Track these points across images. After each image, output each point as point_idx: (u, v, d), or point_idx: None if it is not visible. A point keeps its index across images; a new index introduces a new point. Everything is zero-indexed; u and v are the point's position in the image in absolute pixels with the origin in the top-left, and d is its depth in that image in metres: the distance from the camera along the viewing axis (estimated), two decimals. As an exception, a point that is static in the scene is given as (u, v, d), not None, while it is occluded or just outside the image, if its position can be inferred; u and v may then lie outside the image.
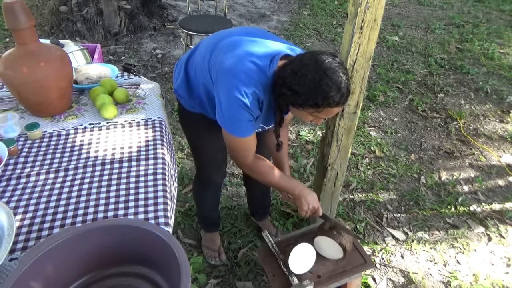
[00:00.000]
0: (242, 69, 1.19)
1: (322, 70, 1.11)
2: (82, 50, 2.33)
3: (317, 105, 1.15)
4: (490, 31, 4.83)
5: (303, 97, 1.14)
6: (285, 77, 1.16)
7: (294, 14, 5.21)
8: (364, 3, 1.32)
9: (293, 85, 1.14)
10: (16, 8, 1.30)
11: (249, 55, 1.22)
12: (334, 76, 1.12)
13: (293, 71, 1.15)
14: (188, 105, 1.49)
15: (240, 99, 1.18)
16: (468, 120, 3.18)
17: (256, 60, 1.20)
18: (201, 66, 1.34)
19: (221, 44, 1.30)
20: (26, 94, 1.41)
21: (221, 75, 1.22)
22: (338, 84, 1.12)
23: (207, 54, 1.32)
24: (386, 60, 4.07)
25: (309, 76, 1.12)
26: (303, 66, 1.13)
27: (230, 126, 1.26)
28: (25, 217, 1.10)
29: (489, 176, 2.61)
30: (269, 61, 1.21)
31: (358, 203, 2.35)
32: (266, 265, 1.52)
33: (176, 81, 1.49)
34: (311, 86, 1.12)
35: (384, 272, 1.96)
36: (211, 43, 1.35)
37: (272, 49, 1.26)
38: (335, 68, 1.13)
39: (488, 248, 2.10)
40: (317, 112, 1.18)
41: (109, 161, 1.31)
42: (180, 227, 2.13)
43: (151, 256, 0.92)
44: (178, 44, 4.15)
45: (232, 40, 1.29)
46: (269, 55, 1.23)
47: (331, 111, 1.18)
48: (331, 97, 1.12)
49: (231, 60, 1.21)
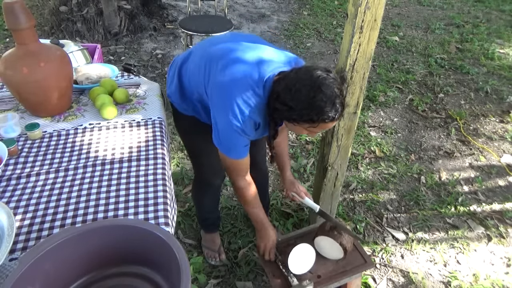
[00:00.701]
0: (239, 92, 1.19)
1: (317, 85, 1.11)
2: (82, 50, 2.33)
3: (312, 121, 1.15)
4: (490, 31, 4.83)
5: (298, 113, 1.14)
6: (279, 92, 1.16)
7: (294, 14, 5.21)
8: (364, 3, 1.32)
9: (287, 101, 1.14)
10: (16, 8, 1.30)
11: (245, 76, 1.21)
12: (328, 92, 1.11)
13: (287, 87, 1.14)
14: (182, 109, 1.49)
15: (237, 125, 1.20)
16: (468, 120, 3.18)
17: (253, 83, 1.20)
18: (196, 76, 1.35)
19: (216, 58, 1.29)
20: (26, 94, 1.41)
21: (218, 97, 1.23)
22: (333, 100, 1.12)
23: (201, 65, 1.32)
24: (386, 60, 4.07)
25: (304, 92, 1.12)
26: (298, 82, 1.13)
27: (225, 148, 1.29)
28: (25, 217, 1.10)
29: (489, 176, 2.61)
30: (265, 81, 1.21)
31: (358, 203, 2.35)
32: (266, 265, 1.52)
33: (170, 86, 1.49)
34: (306, 102, 1.12)
35: (384, 272, 1.96)
36: (206, 53, 1.34)
37: (269, 63, 1.25)
38: (329, 84, 1.12)
39: (488, 248, 2.10)
40: (312, 127, 1.19)
41: (109, 161, 1.31)
42: (180, 227, 2.13)
43: (151, 256, 0.92)
44: (178, 44, 4.15)
45: (228, 54, 1.28)
46: (264, 74, 1.22)
47: (326, 126, 1.18)
48: (325, 113, 1.12)
49: (228, 82, 1.21)
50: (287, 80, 1.16)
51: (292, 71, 1.18)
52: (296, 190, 1.62)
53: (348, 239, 1.46)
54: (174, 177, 2.43)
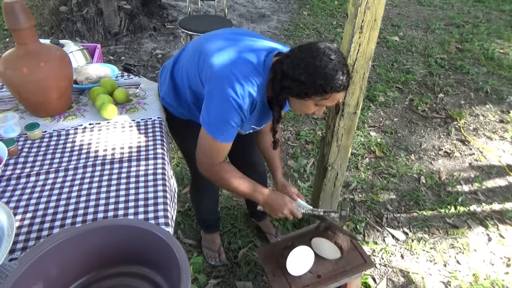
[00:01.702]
0: (238, 68, 1.18)
1: (326, 55, 1.12)
2: (82, 50, 2.33)
3: (325, 92, 1.14)
4: (490, 31, 4.83)
5: (311, 85, 1.14)
6: (286, 71, 1.15)
7: (294, 14, 5.21)
8: (364, 3, 1.32)
9: (297, 76, 1.13)
10: (16, 8, 1.30)
11: (243, 53, 1.21)
12: (337, 59, 1.13)
13: (294, 63, 1.14)
14: (177, 112, 1.48)
15: (235, 99, 1.16)
16: (468, 120, 3.18)
17: (251, 58, 1.20)
18: (189, 68, 1.33)
19: (211, 44, 1.28)
20: (26, 94, 1.41)
21: (215, 75, 1.20)
22: (341, 67, 1.14)
23: (195, 55, 1.31)
24: (386, 60, 4.07)
25: (314, 63, 1.12)
26: (305, 56, 1.13)
27: (214, 128, 1.22)
28: (25, 217, 1.10)
29: (489, 176, 2.61)
30: (263, 60, 1.21)
31: (358, 203, 2.35)
32: (266, 265, 1.52)
33: (163, 88, 1.48)
34: (318, 72, 1.12)
35: (384, 272, 1.96)
36: (198, 45, 1.33)
37: (264, 47, 1.26)
38: (336, 52, 1.15)
39: (488, 248, 2.10)
40: (323, 100, 1.17)
41: (109, 161, 1.30)
42: (180, 227, 2.13)
43: (151, 256, 0.92)
44: (178, 44, 4.15)
45: (223, 40, 1.28)
46: (262, 53, 1.22)
47: (336, 97, 1.18)
48: (337, 80, 1.13)
49: (225, 59, 1.20)
50: (292, 58, 1.16)
51: (293, 50, 1.19)
52: (288, 192, 1.59)
53: (343, 238, 1.46)
54: (174, 177, 2.42)
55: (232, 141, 1.27)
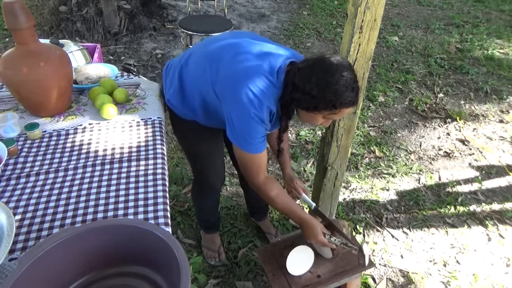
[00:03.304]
0: (255, 84, 1.18)
1: (338, 72, 1.13)
2: (82, 50, 2.33)
3: (334, 107, 1.16)
4: (490, 31, 4.83)
5: (320, 100, 1.15)
6: (297, 83, 1.16)
7: (294, 14, 5.21)
8: (364, 3, 1.32)
9: (309, 90, 1.14)
10: (16, 8, 1.30)
11: (257, 64, 1.21)
12: (348, 77, 1.14)
13: (306, 77, 1.15)
14: (182, 113, 1.48)
15: (253, 112, 1.17)
16: (468, 120, 3.18)
17: (265, 72, 1.20)
18: (199, 73, 1.33)
19: (222, 54, 1.28)
20: (26, 94, 1.41)
21: (231, 88, 1.21)
22: (353, 84, 1.15)
23: (205, 62, 1.31)
24: (386, 60, 4.07)
25: (326, 79, 1.13)
26: (318, 70, 1.14)
27: (242, 142, 1.24)
28: (24, 217, 1.10)
29: (489, 176, 2.61)
30: (277, 71, 1.21)
31: (358, 203, 2.35)
32: (266, 265, 1.52)
33: (169, 90, 1.47)
34: (328, 89, 1.13)
35: (384, 272, 1.96)
36: (208, 52, 1.33)
37: (278, 54, 1.26)
38: (348, 67, 1.15)
39: (488, 248, 2.10)
40: (332, 114, 1.19)
41: (109, 161, 1.30)
42: (180, 227, 2.13)
43: (151, 256, 0.92)
44: (178, 44, 4.15)
45: (234, 49, 1.28)
46: (275, 63, 1.22)
47: (345, 112, 1.20)
48: (347, 97, 1.14)
49: (240, 72, 1.20)
50: (303, 71, 1.16)
51: (305, 62, 1.19)
52: (294, 186, 1.62)
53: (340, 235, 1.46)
54: (174, 177, 2.43)
55: (265, 148, 1.29)
